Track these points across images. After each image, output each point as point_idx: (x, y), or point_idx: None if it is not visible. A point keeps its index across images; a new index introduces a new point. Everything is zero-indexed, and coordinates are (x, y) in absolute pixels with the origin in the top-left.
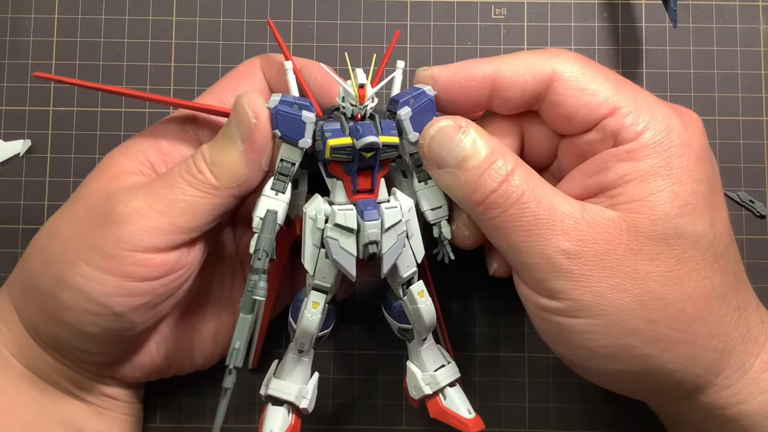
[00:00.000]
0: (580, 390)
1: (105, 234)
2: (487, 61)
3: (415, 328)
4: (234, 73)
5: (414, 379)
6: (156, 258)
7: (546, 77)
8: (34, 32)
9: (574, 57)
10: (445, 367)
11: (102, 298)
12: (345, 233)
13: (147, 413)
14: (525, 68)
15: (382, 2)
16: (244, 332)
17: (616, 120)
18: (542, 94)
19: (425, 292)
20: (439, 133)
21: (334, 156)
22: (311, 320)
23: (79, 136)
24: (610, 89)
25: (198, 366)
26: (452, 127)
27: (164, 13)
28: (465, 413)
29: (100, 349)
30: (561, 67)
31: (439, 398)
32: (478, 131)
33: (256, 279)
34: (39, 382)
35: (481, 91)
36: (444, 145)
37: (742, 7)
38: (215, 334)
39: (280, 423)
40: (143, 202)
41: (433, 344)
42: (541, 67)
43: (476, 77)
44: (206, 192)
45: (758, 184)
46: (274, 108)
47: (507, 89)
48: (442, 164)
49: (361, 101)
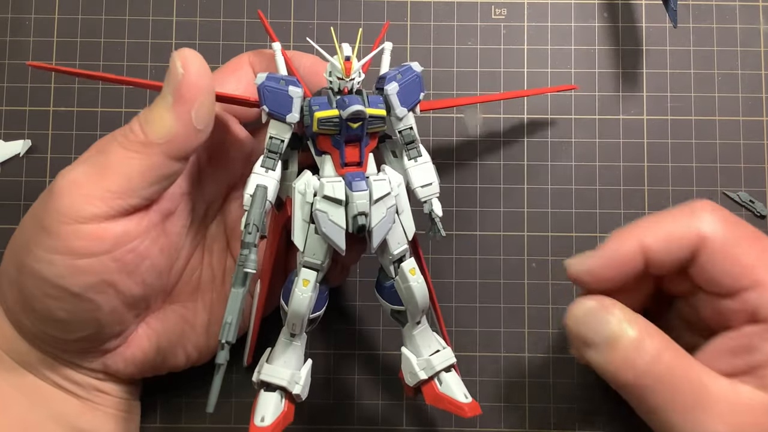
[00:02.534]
0: (580, 390)
1: (47, 210)
2: (631, 236)
3: (408, 309)
4: (222, 69)
5: (409, 365)
6: (98, 229)
7: (694, 245)
8: (34, 32)
9: (720, 218)
10: (440, 352)
11: (56, 279)
12: (334, 205)
13: (146, 413)
14: (672, 239)
15: (382, 2)
16: (236, 306)
17: (759, 295)
18: (691, 260)
19: (417, 270)
20: (585, 313)
21: (321, 128)
22: (302, 298)
23: (79, 136)
24: (755, 258)
25: (192, 361)
26: (598, 308)
27: (164, 13)
28: (461, 398)
29: (76, 335)
30: (706, 230)
31: (435, 383)
32: (623, 311)
33: (246, 253)
34: (30, 377)
35: (637, 266)
36: (591, 326)
37: (742, 7)
38: (208, 328)
39: (273, 409)
40: (79, 172)
41: (428, 328)
42: (688, 235)
43: (626, 259)
44: (136, 151)
45: (758, 184)
46: (261, 84)
47: (659, 266)
48: (590, 345)
49: (347, 73)
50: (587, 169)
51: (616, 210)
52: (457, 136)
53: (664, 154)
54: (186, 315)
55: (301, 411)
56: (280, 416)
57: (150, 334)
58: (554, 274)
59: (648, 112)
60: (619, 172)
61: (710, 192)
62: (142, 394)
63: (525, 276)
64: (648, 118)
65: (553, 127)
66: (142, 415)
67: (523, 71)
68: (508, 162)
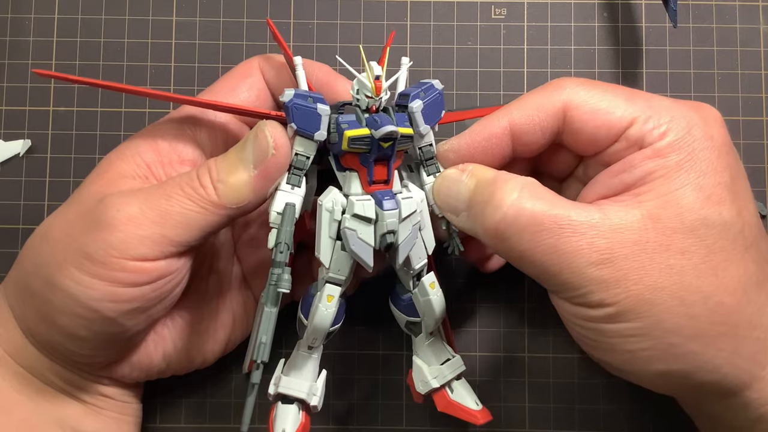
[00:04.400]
0: (580, 390)
1: (95, 239)
2: (498, 115)
3: (424, 321)
4: (232, 73)
5: (421, 374)
6: (145, 265)
7: (559, 110)
8: (34, 32)
9: (579, 82)
10: (450, 360)
11: (92, 302)
12: (363, 223)
13: (147, 413)
14: (536, 109)
15: (382, 2)
16: (270, 326)
17: (637, 128)
18: (561, 128)
19: (436, 284)
20: (443, 181)
21: (352, 147)
22: (326, 314)
23: (79, 136)
24: (623, 102)
25: (196, 366)
26: (455, 173)
27: (164, 13)
28: (473, 405)
29: (93, 351)
30: (569, 96)
31: (446, 391)
32: (477, 167)
33: (279, 272)
34: (35, 381)
35: (504, 145)
36: (451, 192)
37: (742, 7)
38: (213, 334)
39: (292, 421)
40: (137, 209)
41: (438, 339)
42: (551, 103)
43: (494, 134)
44: (204, 207)
45: (758, 184)
46: (290, 101)
47: (526, 135)
48: (456, 211)
49: (377, 93)
50: None
51: None
52: None
53: None
54: (192, 321)
55: None
56: (299, 428)
57: (156, 339)
58: None
59: None
60: None
61: None
62: (143, 395)
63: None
64: None
65: None
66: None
67: (523, 71)
68: None
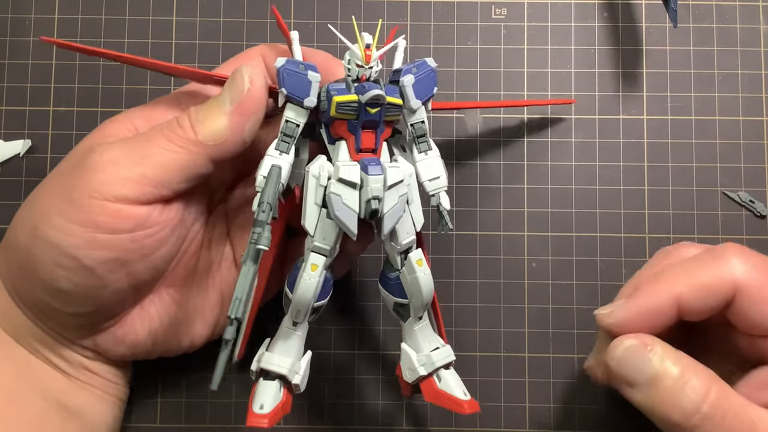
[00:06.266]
0: (580, 390)
1: (77, 182)
2: (665, 288)
3: (411, 303)
4: (235, 59)
5: (408, 360)
6: (124, 209)
7: (729, 292)
8: (34, 32)
9: (745, 257)
10: (440, 349)
11: (71, 249)
12: (348, 188)
13: (146, 413)
14: (706, 289)
15: (382, 2)
16: (247, 283)
17: None
18: (727, 306)
19: (424, 261)
20: (626, 353)
21: (339, 112)
22: (309, 283)
23: (79, 137)
24: None
25: (185, 348)
26: (638, 347)
27: (164, 13)
28: (460, 395)
29: (75, 309)
30: (741, 278)
31: (434, 380)
32: (664, 348)
33: (259, 231)
34: (21, 350)
35: (669, 317)
36: (633, 365)
37: (742, 7)
38: (202, 314)
39: (272, 397)
40: (117, 152)
41: (428, 325)
42: (721, 283)
43: (661, 309)
44: (182, 146)
45: (758, 184)
46: (281, 67)
47: (693, 314)
48: (632, 384)
49: (367, 61)
50: (587, 169)
51: (616, 210)
52: (457, 136)
53: (664, 154)
54: (180, 299)
55: (300, 411)
56: (278, 405)
57: (143, 316)
58: (554, 274)
59: (648, 112)
60: (619, 172)
61: (710, 192)
62: (143, 394)
63: (525, 276)
64: (648, 118)
65: (553, 127)
66: (143, 415)
67: (523, 71)
68: (508, 162)
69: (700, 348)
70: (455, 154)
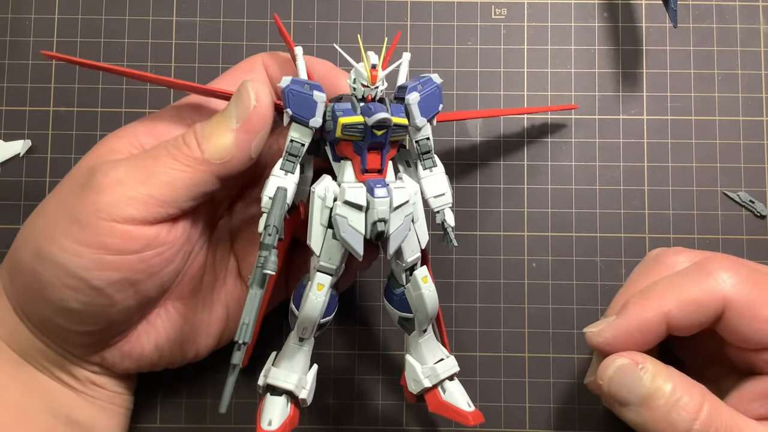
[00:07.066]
0: (580, 390)
1: (83, 203)
2: (653, 305)
3: (416, 317)
4: (236, 68)
5: (413, 372)
6: (133, 230)
7: (718, 308)
8: (34, 32)
9: (734, 270)
10: (444, 360)
11: (79, 271)
12: (354, 211)
13: (147, 413)
14: (694, 304)
15: (382, 2)
16: (254, 307)
17: None
18: (717, 321)
19: (429, 278)
20: (617, 372)
21: (345, 134)
22: (315, 303)
23: (79, 136)
24: None
25: (189, 359)
26: (629, 366)
27: (164, 13)
28: (465, 406)
29: (84, 327)
30: (730, 294)
31: (438, 392)
32: (655, 366)
33: (266, 254)
34: (28, 368)
35: (659, 333)
36: (625, 385)
37: (742, 7)
38: (207, 328)
39: (280, 413)
40: (123, 172)
41: (432, 337)
42: (710, 299)
43: (650, 327)
44: (188, 165)
45: (758, 184)
46: (286, 87)
47: (683, 329)
48: (624, 403)
49: (373, 81)
50: (587, 169)
51: (616, 210)
52: (457, 136)
53: (664, 154)
54: (186, 313)
55: (301, 411)
56: (286, 420)
57: (149, 330)
58: (554, 274)
59: (648, 112)
60: (619, 172)
61: (710, 192)
62: (143, 394)
63: (525, 276)
64: (648, 118)
65: (553, 127)
66: (143, 415)
67: (523, 71)
68: (508, 162)
69: (690, 353)
70: (455, 154)
